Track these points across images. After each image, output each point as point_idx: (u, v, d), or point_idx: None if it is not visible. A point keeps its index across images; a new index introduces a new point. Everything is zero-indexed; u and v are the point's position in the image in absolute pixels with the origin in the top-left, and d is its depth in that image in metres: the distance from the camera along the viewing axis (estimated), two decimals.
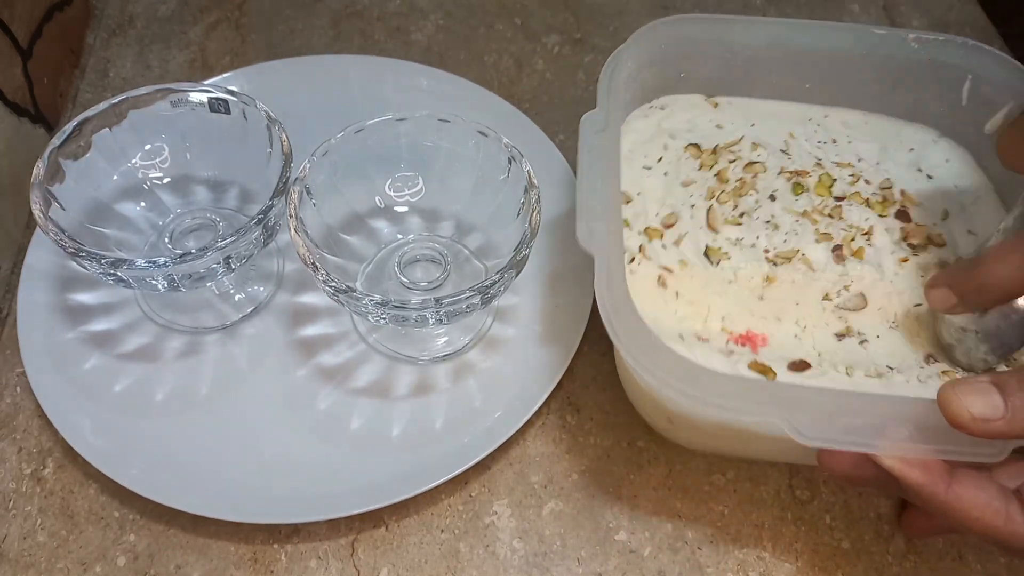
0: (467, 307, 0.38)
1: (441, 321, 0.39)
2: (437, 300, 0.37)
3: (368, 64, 0.56)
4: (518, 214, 0.41)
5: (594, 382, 0.45)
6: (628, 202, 0.42)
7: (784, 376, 0.37)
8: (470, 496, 0.41)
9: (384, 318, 0.38)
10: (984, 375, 0.29)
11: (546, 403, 0.42)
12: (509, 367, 0.44)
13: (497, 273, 0.38)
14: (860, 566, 0.40)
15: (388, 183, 0.46)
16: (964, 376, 0.29)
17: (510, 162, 0.42)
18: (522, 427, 0.41)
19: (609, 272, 0.34)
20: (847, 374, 0.37)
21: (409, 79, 0.55)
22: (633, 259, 0.40)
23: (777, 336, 0.39)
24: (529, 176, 0.41)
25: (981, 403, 0.28)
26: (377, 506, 0.39)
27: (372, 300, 0.37)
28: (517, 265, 0.39)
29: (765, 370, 0.37)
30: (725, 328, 0.39)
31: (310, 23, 0.60)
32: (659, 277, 0.40)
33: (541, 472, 0.42)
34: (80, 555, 0.40)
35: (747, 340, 0.39)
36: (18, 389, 0.44)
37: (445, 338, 0.45)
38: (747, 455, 0.42)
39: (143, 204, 0.45)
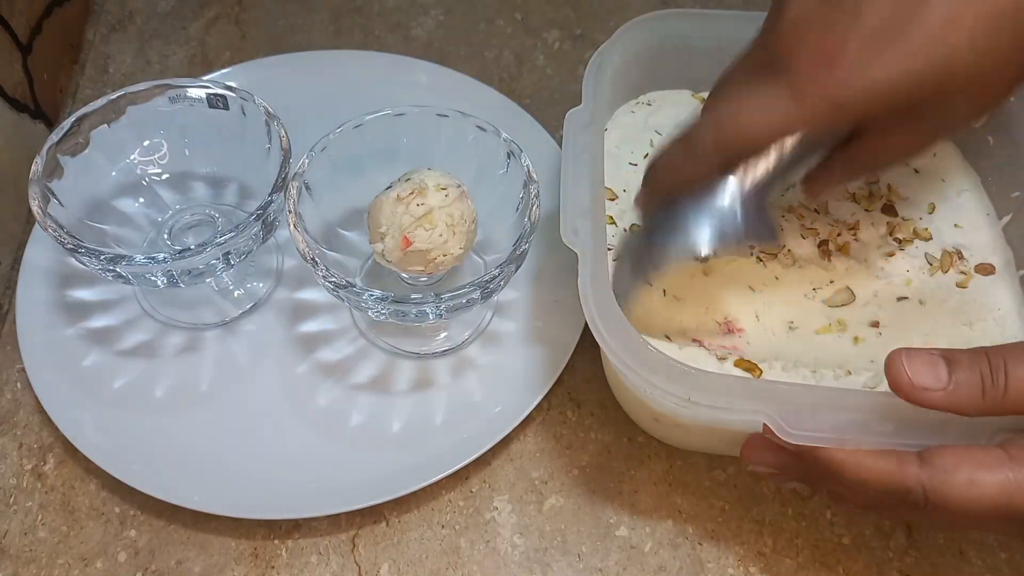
0: (467, 302, 0.38)
1: (441, 316, 0.39)
2: (437, 295, 0.37)
3: (367, 60, 0.56)
4: (517, 209, 0.41)
5: (594, 377, 0.45)
6: (613, 199, 0.42)
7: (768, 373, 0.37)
8: (471, 491, 0.41)
9: (384, 313, 0.38)
10: (939, 349, 0.29)
11: (546, 398, 0.42)
12: (509, 362, 0.44)
13: (497, 268, 0.38)
14: (861, 562, 0.40)
15: (387, 178, 0.45)
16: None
17: (509, 157, 0.42)
18: (522, 422, 0.41)
19: (593, 270, 0.34)
20: (831, 369, 0.37)
21: (409, 75, 0.55)
22: (618, 257, 0.40)
23: (763, 332, 0.39)
24: (529, 171, 0.41)
25: (924, 372, 0.28)
26: (377, 501, 0.39)
27: (372, 295, 0.37)
28: (517, 260, 0.38)
29: (751, 367, 0.37)
30: (711, 325, 0.39)
31: (310, 19, 0.60)
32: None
33: (542, 467, 0.42)
34: (81, 551, 0.40)
35: (731, 336, 0.39)
36: (18, 385, 0.44)
37: (445, 333, 0.45)
38: (736, 453, 0.42)
39: (142, 200, 0.45)
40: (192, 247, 0.38)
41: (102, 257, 0.38)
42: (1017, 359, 0.28)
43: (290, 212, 0.40)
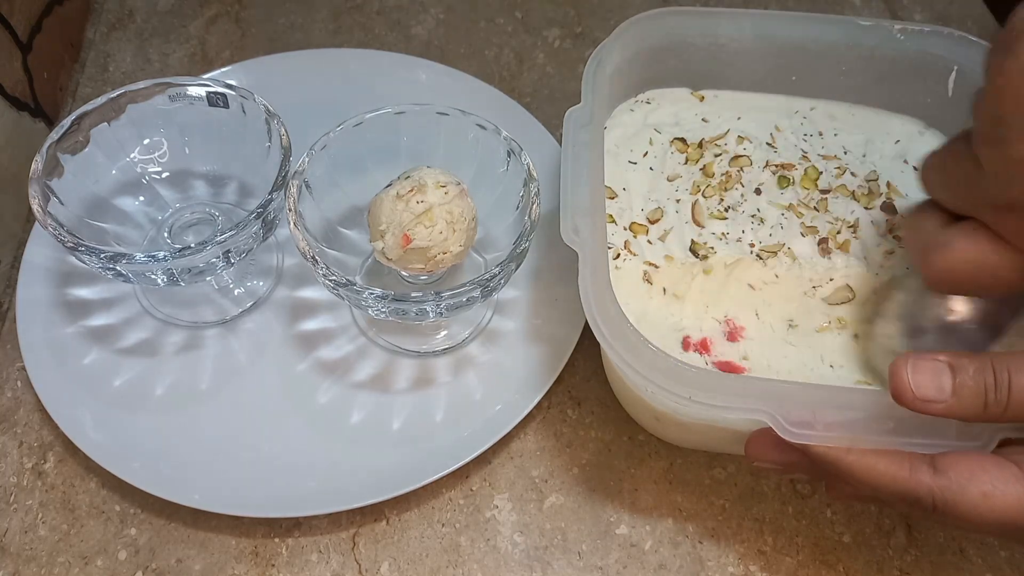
0: (467, 300, 0.38)
1: (441, 314, 0.39)
2: (437, 293, 0.37)
3: (368, 58, 0.56)
4: (518, 207, 0.41)
5: (595, 376, 0.45)
6: (613, 198, 0.42)
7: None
8: (471, 490, 0.41)
9: (384, 312, 0.38)
10: (945, 353, 0.29)
11: (546, 396, 0.42)
12: (509, 360, 0.44)
13: (497, 266, 0.38)
14: (861, 560, 0.40)
15: (387, 177, 0.45)
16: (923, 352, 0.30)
17: (509, 155, 0.42)
18: (522, 420, 0.41)
19: (593, 269, 0.34)
20: (831, 367, 0.37)
21: (409, 73, 0.55)
22: (618, 255, 0.40)
23: (764, 330, 0.39)
24: (529, 169, 0.41)
25: (928, 384, 0.28)
26: (378, 500, 0.39)
27: (372, 294, 0.37)
28: (517, 258, 0.38)
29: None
30: (711, 323, 0.39)
31: (310, 17, 0.60)
32: (644, 273, 0.40)
33: (542, 466, 0.42)
34: (81, 549, 0.40)
35: (731, 334, 0.39)
36: (19, 383, 0.44)
37: (445, 331, 0.45)
38: (737, 451, 0.42)
39: (142, 199, 0.45)
40: (192, 245, 0.38)
41: (102, 255, 0.38)
42: (1021, 369, 0.28)
43: (290, 210, 0.39)
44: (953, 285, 0.32)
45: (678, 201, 0.42)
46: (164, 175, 0.46)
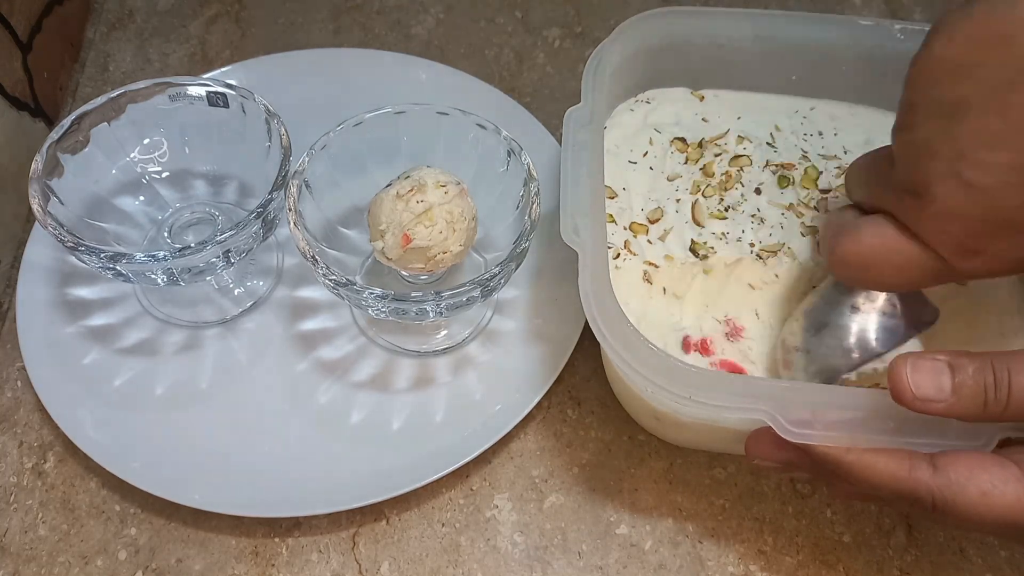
0: (467, 300, 0.38)
1: (441, 314, 0.39)
2: (437, 293, 0.37)
3: (368, 58, 0.56)
4: (518, 207, 0.41)
5: (595, 375, 0.45)
6: (613, 197, 0.42)
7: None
8: (471, 489, 0.41)
9: (384, 311, 0.38)
10: (944, 352, 0.29)
11: (546, 396, 0.42)
12: (509, 360, 0.44)
13: (497, 266, 0.38)
14: (861, 560, 0.40)
15: (387, 176, 0.45)
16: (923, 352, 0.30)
17: (509, 155, 0.42)
18: (522, 420, 0.41)
19: (593, 269, 0.34)
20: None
21: (409, 73, 0.55)
22: (618, 255, 0.40)
23: (764, 330, 0.39)
24: (529, 169, 0.41)
25: (927, 383, 0.28)
26: (378, 499, 0.39)
27: (372, 293, 0.37)
28: (517, 258, 0.38)
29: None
30: (711, 323, 0.39)
31: (310, 17, 0.60)
32: (644, 273, 0.40)
33: (542, 466, 0.42)
34: (81, 549, 0.40)
35: (732, 334, 0.39)
36: (19, 383, 0.44)
37: (445, 331, 0.45)
38: (737, 451, 0.42)
39: (142, 198, 0.45)
40: (192, 245, 0.38)
41: (102, 255, 0.38)
42: (1021, 368, 0.28)
43: (290, 210, 0.39)
44: (856, 271, 0.33)
45: (678, 201, 0.42)
46: (164, 175, 0.46)
